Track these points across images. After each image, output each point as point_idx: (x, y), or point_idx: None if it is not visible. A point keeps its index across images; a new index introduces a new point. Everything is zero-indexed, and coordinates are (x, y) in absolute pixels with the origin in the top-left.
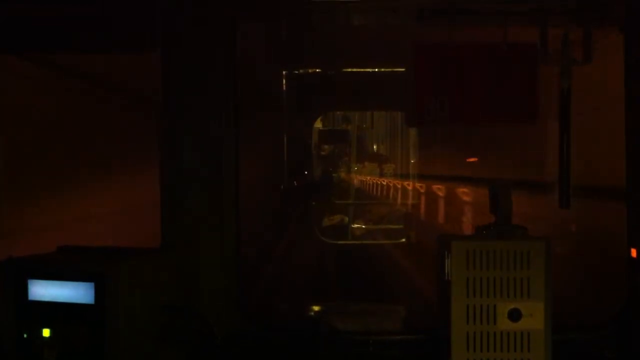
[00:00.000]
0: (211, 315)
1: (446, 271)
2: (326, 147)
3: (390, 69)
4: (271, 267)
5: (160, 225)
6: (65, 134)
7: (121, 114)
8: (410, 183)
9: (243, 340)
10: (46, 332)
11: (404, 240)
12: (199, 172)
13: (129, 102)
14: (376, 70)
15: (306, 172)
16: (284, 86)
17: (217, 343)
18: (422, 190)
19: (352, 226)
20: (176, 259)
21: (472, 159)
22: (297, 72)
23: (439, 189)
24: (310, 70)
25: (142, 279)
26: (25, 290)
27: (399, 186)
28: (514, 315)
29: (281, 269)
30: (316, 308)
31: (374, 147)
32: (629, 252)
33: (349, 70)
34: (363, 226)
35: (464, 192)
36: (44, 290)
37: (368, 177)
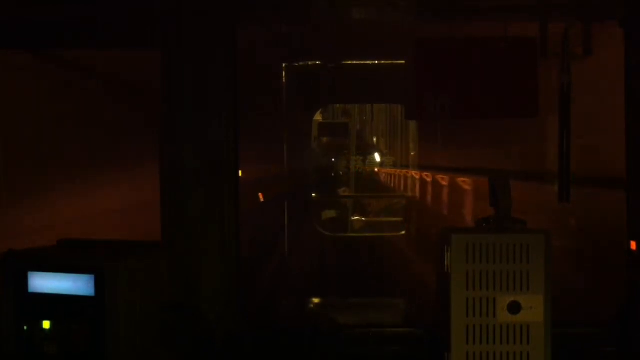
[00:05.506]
0: (211, 314)
1: (446, 264)
2: (325, 139)
3: (390, 61)
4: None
5: (161, 225)
6: None
7: None
8: (410, 174)
9: (242, 340)
10: (46, 325)
11: (403, 232)
12: (199, 172)
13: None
14: (376, 62)
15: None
16: (284, 78)
17: (216, 341)
18: (423, 180)
19: (352, 219)
20: (176, 258)
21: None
22: (297, 64)
23: (442, 178)
24: (310, 63)
25: (142, 272)
26: (25, 282)
27: (401, 177)
28: (514, 308)
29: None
30: (316, 301)
31: (374, 139)
32: (629, 245)
33: (349, 62)
34: (363, 219)
35: (462, 181)
36: (44, 283)
37: (367, 169)
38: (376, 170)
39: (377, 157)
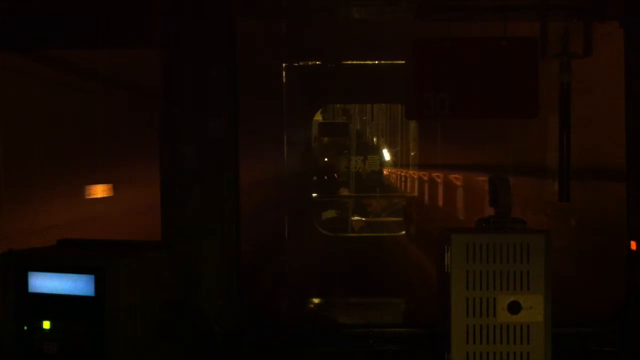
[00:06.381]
0: (211, 314)
1: (446, 264)
2: (326, 140)
3: (390, 61)
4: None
5: (161, 225)
6: None
7: None
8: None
9: (243, 340)
10: (46, 325)
11: (403, 232)
12: (199, 172)
13: None
14: (376, 62)
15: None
16: (284, 78)
17: (217, 340)
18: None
19: (352, 219)
20: (176, 257)
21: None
22: (297, 64)
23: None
24: (310, 63)
25: (142, 272)
26: (25, 282)
27: (402, 176)
28: (514, 308)
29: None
30: (317, 301)
31: (374, 139)
32: (629, 245)
33: (349, 62)
34: (363, 219)
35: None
36: (44, 283)
37: (367, 169)
38: (385, 172)
39: (386, 155)
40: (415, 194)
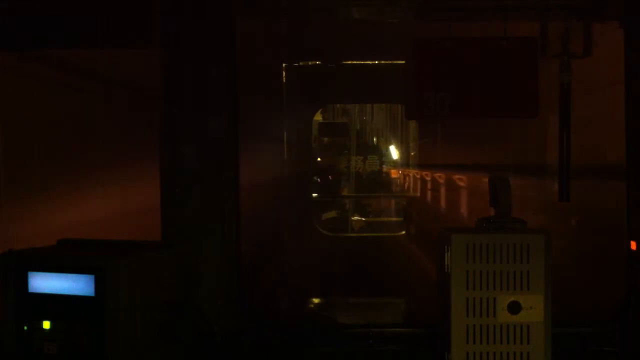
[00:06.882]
0: (211, 314)
1: (446, 264)
2: (326, 140)
3: (390, 61)
4: None
5: (161, 225)
6: None
7: None
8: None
9: (243, 340)
10: (46, 325)
11: (403, 232)
12: (199, 172)
13: None
14: (376, 62)
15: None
16: (284, 78)
17: (217, 340)
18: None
19: (352, 219)
20: (176, 257)
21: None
22: (297, 64)
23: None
24: (310, 63)
25: (142, 272)
26: (25, 282)
27: (403, 176)
28: (514, 308)
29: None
30: (317, 301)
31: (374, 139)
32: (629, 245)
33: (349, 62)
34: (363, 219)
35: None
36: (44, 283)
37: (368, 169)
38: (393, 174)
39: (394, 153)
40: (411, 193)
